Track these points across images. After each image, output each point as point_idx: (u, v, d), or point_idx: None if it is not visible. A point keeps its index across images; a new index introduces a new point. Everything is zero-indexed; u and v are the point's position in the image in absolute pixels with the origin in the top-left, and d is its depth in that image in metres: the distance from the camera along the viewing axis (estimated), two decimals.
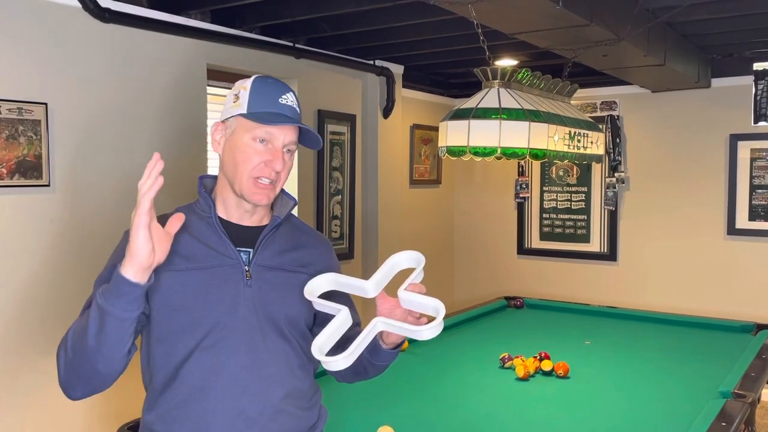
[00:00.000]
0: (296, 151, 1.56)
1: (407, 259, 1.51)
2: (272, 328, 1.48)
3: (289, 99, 1.52)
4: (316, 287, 1.48)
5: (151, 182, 1.28)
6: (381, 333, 1.49)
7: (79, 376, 1.38)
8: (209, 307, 1.44)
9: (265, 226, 1.56)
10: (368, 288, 1.45)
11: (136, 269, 1.30)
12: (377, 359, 1.54)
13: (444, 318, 1.37)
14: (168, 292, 1.43)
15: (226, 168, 1.52)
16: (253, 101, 1.49)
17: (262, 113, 1.47)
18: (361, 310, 1.68)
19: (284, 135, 1.49)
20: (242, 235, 1.52)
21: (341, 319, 1.41)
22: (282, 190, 1.61)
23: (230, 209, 1.54)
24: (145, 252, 1.29)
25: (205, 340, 1.44)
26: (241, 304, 1.47)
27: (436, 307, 1.41)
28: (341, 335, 1.42)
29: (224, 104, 1.56)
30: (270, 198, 1.51)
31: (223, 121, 1.53)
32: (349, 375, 1.58)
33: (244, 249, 1.51)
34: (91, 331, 1.32)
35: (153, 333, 1.46)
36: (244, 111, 1.48)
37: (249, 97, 1.49)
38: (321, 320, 1.53)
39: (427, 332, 1.36)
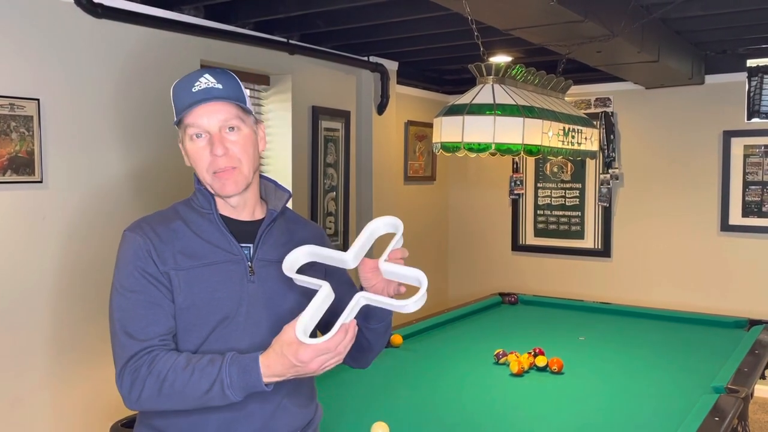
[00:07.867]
0: (255, 123, 1.51)
1: (385, 224, 1.47)
2: (275, 325, 1.45)
3: (202, 83, 1.45)
4: (294, 261, 1.44)
5: (347, 342, 1.31)
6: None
7: (160, 407, 1.41)
8: (215, 304, 1.44)
9: (261, 220, 1.54)
10: (348, 259, 1.42)
11: (281, 376, 1.34)
12: (374, 321, 1.54)
13: (438, 313, 1.36)
14: (176, 292, 1.43)
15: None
16: (176, 105, 1.48)
17: (179, 111, 1.46)
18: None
19: (209, 117, 1.44)
20: (239, 230, 1.51)
21: (323, 295, 1.34)
22: (275, 183, 1.60)
23: (221, 205, 1.52)
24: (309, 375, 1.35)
25: (212, 336, 1.44)
26: (245, 299, 1.46)
27: (417, 277, 1.37)
28: (324, 311, 1.36)
29: None
30: (239, 184, 1.47)
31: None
32: (357, 354, 1.56)
33: (244, 245, 1.50)
34: (197, 392, 1.35)
35: None
36: (175, 118, 1.48)
37: (173, 103, 1.49)
38: (326, 316, 1.50)
39: (412, 306, 1.33)
